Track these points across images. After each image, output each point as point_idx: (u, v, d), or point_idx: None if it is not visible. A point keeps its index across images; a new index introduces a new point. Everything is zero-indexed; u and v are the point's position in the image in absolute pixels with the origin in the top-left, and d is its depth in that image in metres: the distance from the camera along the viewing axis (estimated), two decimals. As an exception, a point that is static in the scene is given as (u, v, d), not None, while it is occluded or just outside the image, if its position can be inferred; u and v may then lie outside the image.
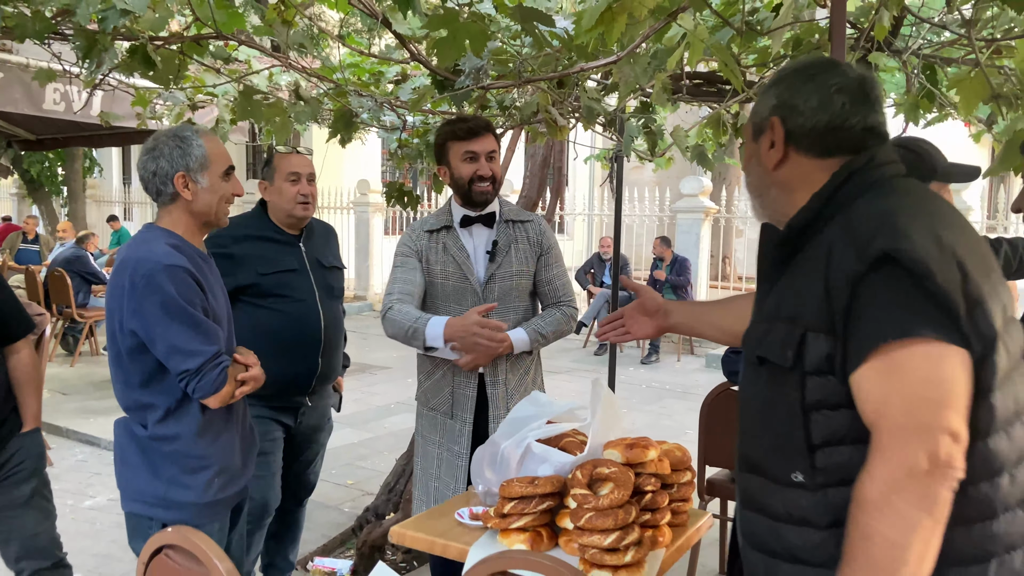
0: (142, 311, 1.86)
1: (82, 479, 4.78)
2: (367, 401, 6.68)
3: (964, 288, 1.06)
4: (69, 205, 13.32)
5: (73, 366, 7.61)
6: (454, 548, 1.91)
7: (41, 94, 4.52)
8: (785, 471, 1.17)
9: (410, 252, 2.56)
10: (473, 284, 2.51)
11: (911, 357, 1.04)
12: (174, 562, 1.52)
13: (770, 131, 1.27)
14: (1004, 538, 1.09)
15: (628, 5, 1.53)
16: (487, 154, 2.46)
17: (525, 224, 2.59)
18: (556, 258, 2.62)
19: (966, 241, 1.12)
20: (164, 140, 1.95)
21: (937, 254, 1.06)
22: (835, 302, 1.10)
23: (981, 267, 1.11)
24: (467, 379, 2.52)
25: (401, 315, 2.40)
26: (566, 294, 2.62)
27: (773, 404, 1.19)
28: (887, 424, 1.05)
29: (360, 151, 10.74)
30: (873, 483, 1.03)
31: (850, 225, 1.13)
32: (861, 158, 1.22)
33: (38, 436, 2.53)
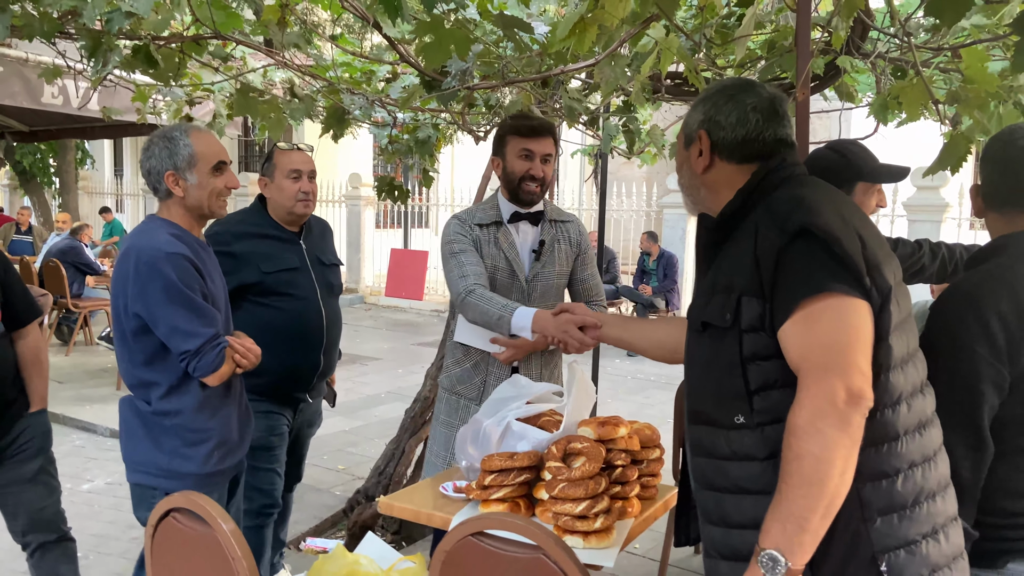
0: (145, 295, 1.99)
1: (79, 463, 4.90)
2: (357, 391, 6.82)
3: (864, 254, 1.30)
4: (61, 197, 13.37)
5: (68, 355, 7.72)
6: (438, 517, 2.06)
7: (40, 88, 4.62)
8: (729, 416, 1.39)
9: (468, 242, 2.55)
10: (521, 281, 2.57)
11: (825, 309, 1.27)
12: (181, 524, 1.66)
13: (698, 142, 1.51)
14: (906, 456, 1.32)
15: (599, 17, 1.67)
16: (543, 156, 2.50)
17: (566, 224, 2.66)
18: (591, 258, 2.72)
19: (861, 219, 1.38)
20: (156, 141, 2.08)
21: (842, 226, 1.30)
22: (763, 270, 1.33)
23: (876, 240, 1.36)
24: (502, 371, 2.58)
25: (485, 300, 2.39)
26: (598, 294, 2.71)
27: (716, 360, 1.41)
28: (809, 365, 1.27)
29: (352, 145, 10.82)
30: (802, 412, 1.24)
31: (771, 208, 1.38)
32: (774, 161, 1.47)
33: (44, 416, 2.65)
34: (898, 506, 1.31)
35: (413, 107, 3.03)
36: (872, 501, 1.29)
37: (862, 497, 1.29)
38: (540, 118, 2.65)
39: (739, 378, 1.36)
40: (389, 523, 3.77)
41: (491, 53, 2.46)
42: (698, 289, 1.53)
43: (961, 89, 1.93)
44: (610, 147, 3.11)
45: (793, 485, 1.24)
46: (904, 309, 1.37)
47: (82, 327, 8.11)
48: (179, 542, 1.69)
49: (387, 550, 2.17)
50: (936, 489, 1.36)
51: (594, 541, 1.88)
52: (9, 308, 2.53)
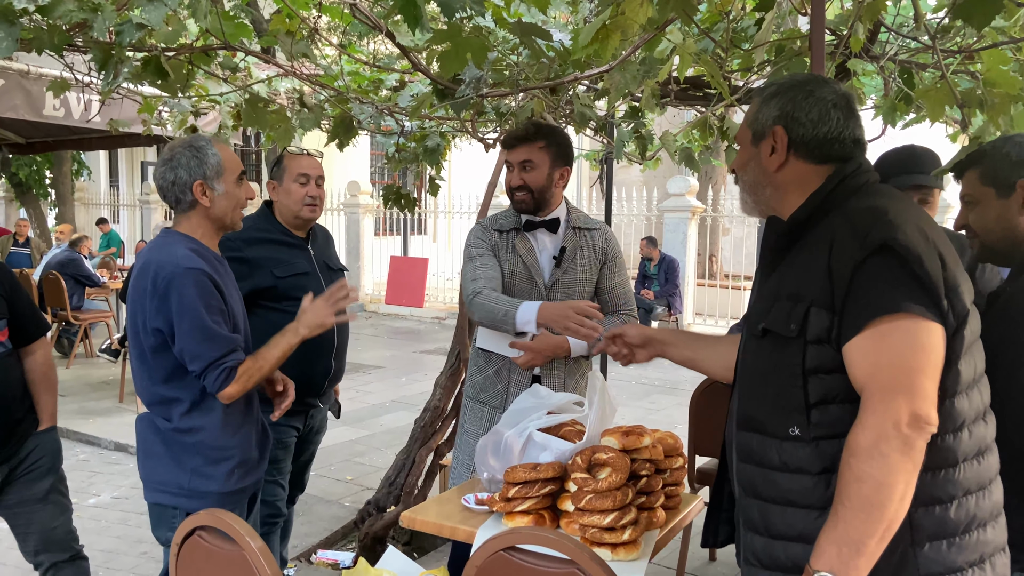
0: (164, 311, 1.97)
1: (84, 478, 4.86)
2: (362, 400, 6.78)
3: (944, 274, 1.26)
4: (58, 208, 13.31)
5: (69, 368, 7.67)
6: (462, 531, 2.03)
7: (41, 100, 4.60)
8: (783, 426, 1.36)
9: (485, 247, 2.59)
10: (539, 287, 2.56)
11: (898, 329, 1.24)
12: (207, 543, 1.63)
13: (771, 138, 1.44)
14: (962, 483, 1.29)
15: (621, 23, 1.66)
16: (520, 164, 2.50)
17: (592, 232, 2.62)
18: (620, 267, 2.66)
19: (941, 237, 1.32)
20: (180, 151, 2.05)
21: (923, 244, 1.26)
22: (837, 282, 1.29)
23: (953, 259, 1.32)
24: (523, 377, 2.57)
25: (491, 299, 2.42)
26: (627, 302, 2.67)
27: (776, 369, 1.37)
28: (876, 385, 1.24)
29: (350, 153, 10.81)
30: (865, 433, 1.22)
31: (851, 218, 1.33)
32: (851, 165, 1.41)
33: (54, 434, 2.62)
34: (949, 533, 1.28)
35: (422, 115, 3.02)
36: (923, 526, 1.27)
37: (913, 521, 1.26)
38: (522, 127, 2.62)
39: (799, 389, 1.33)
40: (400, 534, 3.74)
41: (503, 60, 2.45)
42: (760, 294, 1.49)
43: (986, 93, 1.92)
44: (622, 153, 3.09)
45: (852, 508, 1.22)
46: (974, 332, 1.33)
47: (82, 339, 8.07)
48: (205, 560, 1.67)
49: (409, 564, 2.14)
50: (988, 518, 1.33)
51: (622, 553, 1.86)
52: (16, 324, 2.50)
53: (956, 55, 2.31)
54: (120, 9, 2.42)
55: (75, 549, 2.65)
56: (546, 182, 2.52)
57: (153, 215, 14.06)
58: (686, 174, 10.34)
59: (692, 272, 10.20)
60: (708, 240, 11.34)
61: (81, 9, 2.28)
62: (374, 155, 14.90)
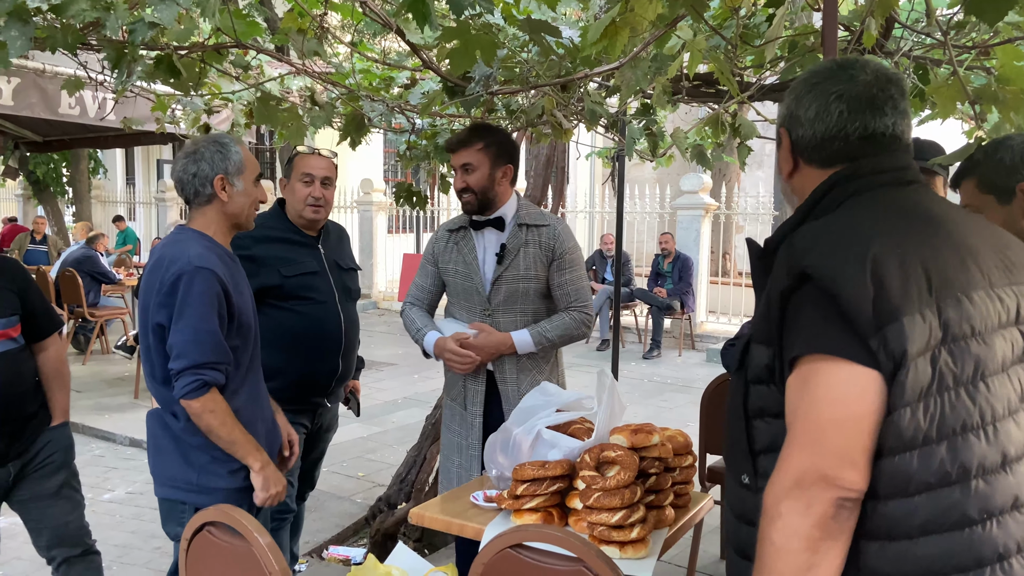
0: (168, 306, 1.98)
1: (99, 473, 4.91)
2: (374, 396, 6.81)
3: (876, 304, 1.05)
4: (75, 206, 13.44)
5: (85, 364, 7.74)
6: (470, 528, 2.03)
7: (57, 99, 4.64)
8: (737, 473, 1.23)
9: (429, 256, 2.78)
10: (477, 285, 2.63)
11: (816, 373, 1.07)
12: (217, 538, 1.64)
13: (780, 141, 1.31)
14: (924, 560, 1.06)
15: (630, 20, 1.65)
16: (461, 167, 2.59)
17: (540, 228, 2.64)
18: (570, 263, 2.65)
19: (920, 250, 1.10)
20: (205, 145, 2.09)
21: (850, 271, 1.06)
22: (771, 314, 1.14)
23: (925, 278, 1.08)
24: (476, 375, 2.66)
25: (409, 321, 2.75)
26: (578, 299, 2.65)
27: (731, 410, 1.25)
28: (791, 435, 1.08)
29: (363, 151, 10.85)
30: (771, 489, 1.08)
31: (791, 241, 1.15)
32: (846, 169, 1.22)
33: (66, 430, 2.64)
34: None
35: (433, 113, 3.02)
36: None
37: None
38: (462, 130, 2.72)
39: (744, 434, 1.20)
40: (411, 531, 3.75)
41: (513, 58, 2.44)
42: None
43: (1000, 89, 1.89)
44: (633, 150, 3.08)
45: (758, 570, 1.08)
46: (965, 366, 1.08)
47: (99, 336, 8.14)
48: (214, 555, 1.68)
49: (417, 560, 2.15)
50: None
51: (631, 551, 1.86)
52: (29, 320, 2.52)
53: (970, 51, 2.29)
54: (133, 8, 2.43)
55: (87, 544, 2.67)
56: (488, 182, 2.59)
57: (169, 212, 14.16)
58: (699, 172, 10.29)
59: (705, 270, 10.15)
60: (722, 238, 11.29)
61: (94, 8, 2.29)
62: (387, 153, 14.93)
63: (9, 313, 2.44)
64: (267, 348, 2.44)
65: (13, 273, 2.51)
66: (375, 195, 12.49)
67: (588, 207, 12.52)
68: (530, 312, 2.64)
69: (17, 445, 2.47)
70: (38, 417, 2.54)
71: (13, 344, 2.45)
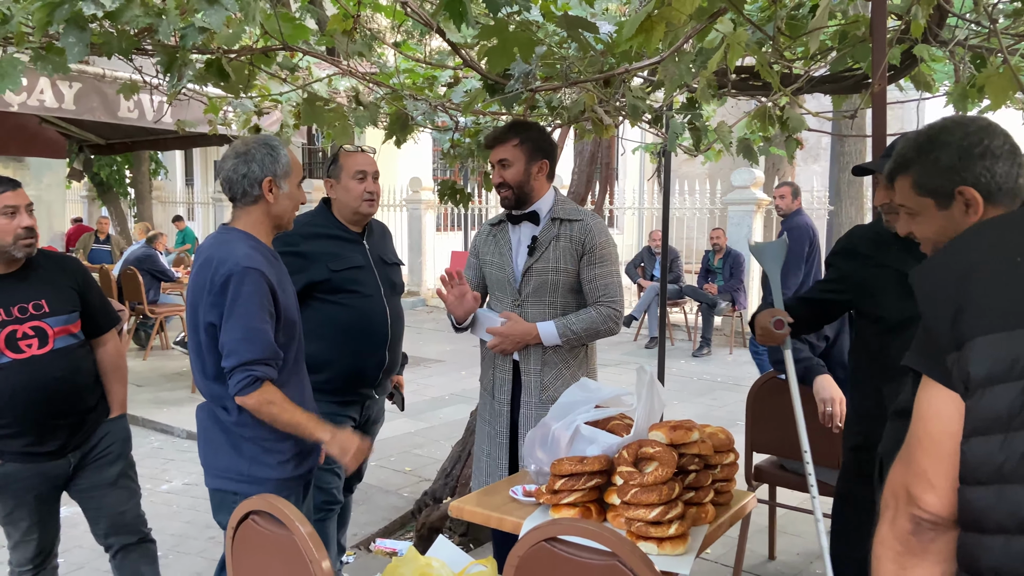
0: (219, 305, 2.04)
1: (158, 465, 5.07)
2: (422, 393, 6.88)
3: (958, 323, 1.03)
4: (136, 206, 13.88)
5: (146, 359, 8.00)
6: (509, 522, 2.05)
7: (117, 102, 4.80)
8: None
9: (472, 249, 2.91)
10: (509, 276, 2.71)
11: (919, 390, 1.10)
12: (260, 527, 1.69)
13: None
14: None
15: (666, 14, 1.64)
16: (498, 162, 2.65)
17: (572, 223, 2.67)
18: (601, 258, 2.66)
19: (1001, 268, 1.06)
20: (256, 147, 2.14)
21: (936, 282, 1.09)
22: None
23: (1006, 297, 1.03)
24: (504, 363, 2.73)
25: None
26: (607, 294, 2.65)
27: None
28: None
29: (412, 149, 10.97)
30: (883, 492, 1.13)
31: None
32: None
33: (124, 421, 2.73)
34: None
35: (475, 111, 3.04)
36: None
37: None
38: (499, 128, 2.76)
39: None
40: (457, 525, 3.79)
41: (553, 54, 2.45)
42: None
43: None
44: (676, 145, 3.06)
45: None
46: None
47: (158, 332, 8.40)
48: (258, 544, 1.73)
49: (458, 553, 2.17)
50: None
51: (668, 548, 1.85)
52: (89, 317, 2.62)
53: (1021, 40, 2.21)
54: (184, 13, 2.51)
55: (143, 532, 2.76)
56: (523, 177, 2.65)
57: (225, 212, 14.52)
58: (751, 166, 10.12)
59: (757, 266, 9.98)
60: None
61: (147, 14, 2.38)
62: (436, 151, 15.06)
63: (69, 310, 2.53)
64: (316, 341, 2.50)
65: (74, 272, 2.61)
66: (424, 193, 12.61)
67: (636, 203, 12.43)
68: (559, 305, 2.68)
69: (77, 437, 2.55)
70: (97, 410, 2.63)
71: (73, 340, 2.54)
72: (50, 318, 2.48)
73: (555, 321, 2.63)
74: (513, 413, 2.70)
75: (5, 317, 2.42)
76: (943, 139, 1.35)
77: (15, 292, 2.45)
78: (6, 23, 2.29)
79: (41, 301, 2.47)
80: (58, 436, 2.50)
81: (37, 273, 2.51)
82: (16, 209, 2.41)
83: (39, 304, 2.47)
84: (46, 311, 2.47)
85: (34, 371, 2.43)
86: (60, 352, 2.48)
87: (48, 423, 2.48)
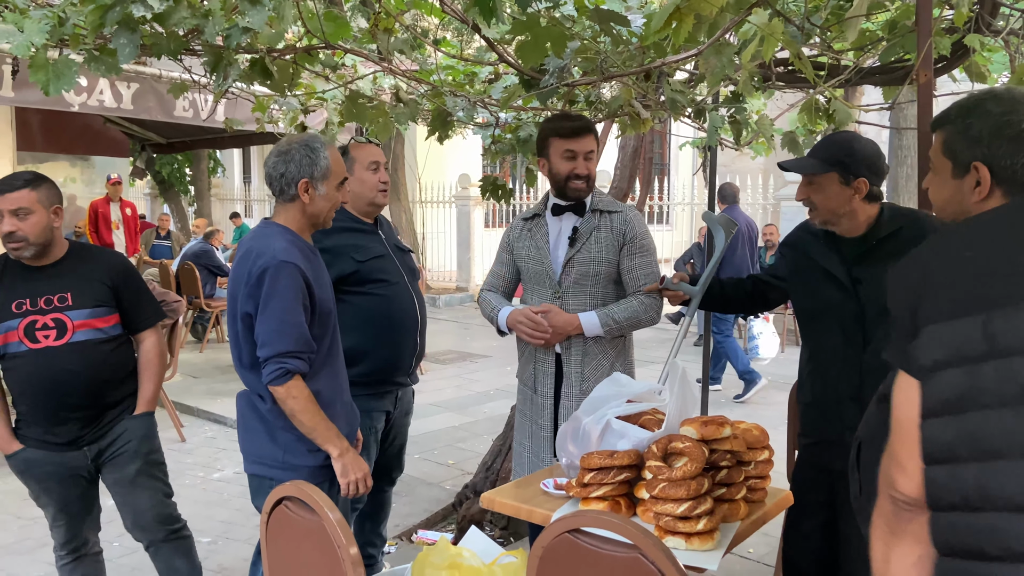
0: (255, 296, 2.10)
1: (211, 453, 5.23)
2: (467, 387, 6.94)
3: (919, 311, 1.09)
4: (196, 203, 14.30)
5: (202, 352, 8.25)
6: (538, 514, 2.06)
7: (172, 102, 4.96)
8: None
9: (504, 244, 2.88)
10: (547, 269, 2.70)
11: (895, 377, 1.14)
12: (292, 512, 1.74)
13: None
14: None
15: (695, 6, 1.63)
16: (585, 154, 2.63)
17: (612, 214, 2.71)
18: (641, 248, 2.70)
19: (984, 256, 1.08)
20: (296, 147, 2.18)
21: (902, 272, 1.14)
22: None
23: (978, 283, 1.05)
24: (546, 356, 2.72)
25: (485, 303, 2.85)
26: (648, 284, 2.70)
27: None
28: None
29: (462, 145, 11.05)
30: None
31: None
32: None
33: (147, 419, 2.66)
34: None
35: (514, 106, 3.06)
36: None
37: None
38: (580, 117, 2.75)
39: None
40: (497, 519, 3.82)
41: (589, 49, 2.45)
42: None
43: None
44: (715, 139, 3.02)
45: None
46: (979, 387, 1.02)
47: (214, 325, 8.64)
48: (290, 529, 1.78)
49: (490, 544, 2.20)
50: None
51: (697, 543, 1.84)
52: (124, 314, 2.61)
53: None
54: (230, 14, 2.58)
55: (171, 529, 2.73)
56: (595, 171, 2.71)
57: (280, 209, 14.80)
58: (805, 161, 9.89)
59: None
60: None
61: (194, 16, 2.46)
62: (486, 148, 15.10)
63: (94, 304, 2.52)
64: (349, 333, 2.54)
65: (111, 267, 2.60)
66: (472, 190, 12.67)
67: (685, 199, 12.29)
68: (599, 296, 2.69)
69: (92, 431, 2.55)
70: (120, 406, 2.61)
71: (99, 335, 2.52)
72: (72, 311, 2.48)
73: (596, 311, 2.65)
74: (555, 406, 2.71)
75: (29, 307, 2.45)
76: (986, 107, 1.29)
77: (43, 284, 2.47)
78: (62, 26, 2.40)
79: (66, 294, 2.48)
80: (71, 428, 2.51)
81: (70, 267, 2.52)
82: (1, 213, 2.39)
83: (64, 297, 2.48)
84: (69, 304, 2.48)
85: (46, 362, 2.44)
86: (77, 345, 2.47)
87: (60, 414, 2.49)
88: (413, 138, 12.54)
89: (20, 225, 2.40)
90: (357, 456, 2.21)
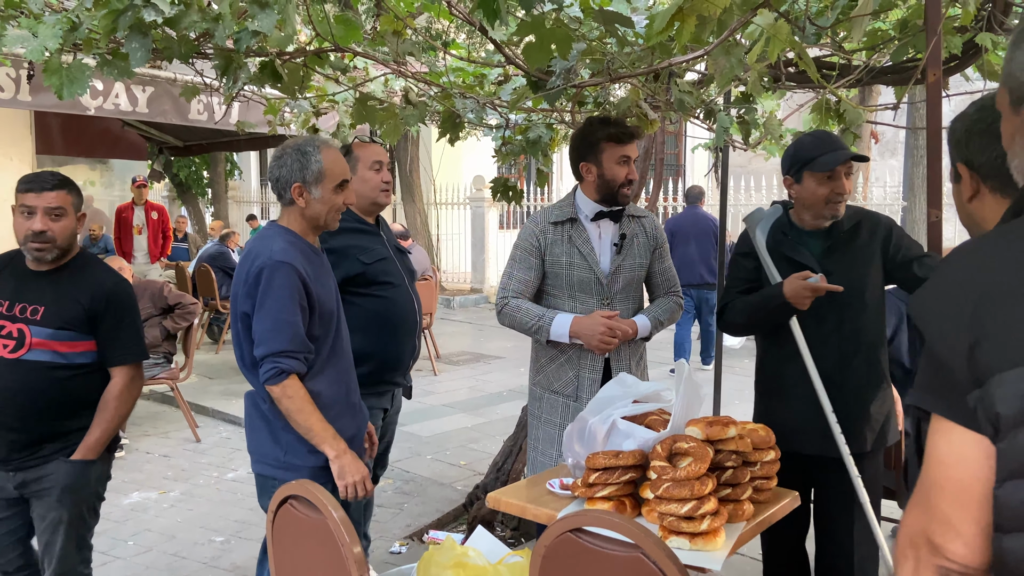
0: (252, 296, 2.13)
1: (225, 454, 5.27)
2: (481, 388, 6.95)
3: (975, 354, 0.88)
4: (213, 206, 14.42)
5: (218, 353, 8.31)
6: (544, 513, 2.07)
7: (187, 106, 5.01)
8: None
9: (531, 248, 2.71)
10: (598, 275, 2.68)
11: (932, 430, 0.96)
12: (297, 511, 1.76)
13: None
14: None
15: (697, 7, 1.63)
16: (634, 159, 2.69)
17: (643, 219, 2.81)
18: (666, 252, 2.85)
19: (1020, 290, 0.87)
20: (289, 151, 2.21)
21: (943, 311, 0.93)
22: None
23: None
24: (594, 363, 2.69)
25: (522, 311, 2.66)
26: (675, 284, 2.86)
27: None
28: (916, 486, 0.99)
29: (476, 147, 11.07)
30: (898, 534, 1.00)
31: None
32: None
33: (79, 468, 2.36)
34: None
35: (523, 108, 3.07)
36: None
37: None
38: (627, 123, 2.77)
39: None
40: (508, 519, 3.82)
41: (596, 50, 2.45)
42: None
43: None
44: (723, 140, 3.02)
45: None
46: None
47: (230, 327, 8.70)
48: (295, 527, 1.80)
49: (497, 544, 2.21)
50: None
51: (700, 543, 1.84)
52: (100, 344, 2.40)
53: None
54: (240, 17, 2.61)
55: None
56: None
57: (296, 211, 14.88)
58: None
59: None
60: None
61: (204, 19, 2.49)
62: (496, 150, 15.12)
63: (59, 325, 2.32)
64: (356, 334, 2.55)
65: (97, 290, 2.38)
66: (487, 192, 12.66)
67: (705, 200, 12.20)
68: (637, 299, 2.80)
69: (22, 458, 2.33)
70: (64, 440, 2.36)
71: (56, 358, 2.32)
72: (36, 326, 2.30)
73: (644, 314, 2.74)
74: None
75: (5, 311, 2.32)
76: (965, 112, 1.29)
77: (31, 290, 2.34)
78: (75, 30, 2.43)
79: (40, 307, 2.32)
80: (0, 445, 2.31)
81: (62, 279, 2.36)
82: (33, 210, 2.28)
83: (37, 309, 2.32)
84: (37, 319, 2.31)
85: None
86: (28, 364, 2.29)
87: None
88: (428, 140, 12.57)
89: (52, 225, 2.29)
90: (356, 458, 2.20)
